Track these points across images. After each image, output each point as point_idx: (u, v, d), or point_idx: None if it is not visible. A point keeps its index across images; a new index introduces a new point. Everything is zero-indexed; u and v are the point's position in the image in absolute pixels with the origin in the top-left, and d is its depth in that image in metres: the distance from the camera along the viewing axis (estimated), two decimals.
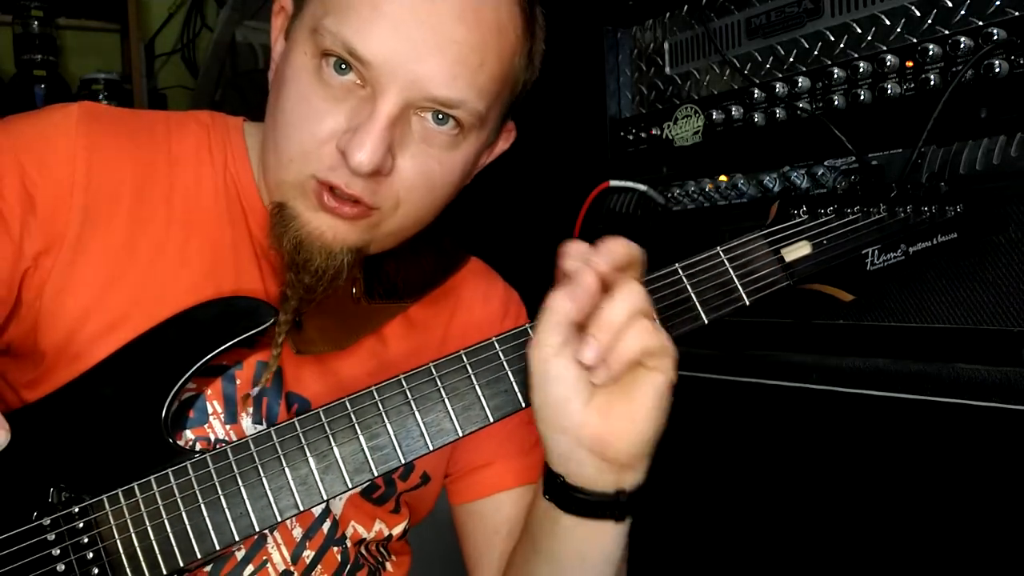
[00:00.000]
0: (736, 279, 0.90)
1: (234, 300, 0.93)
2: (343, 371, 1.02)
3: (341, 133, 0.89)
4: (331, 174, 0.90)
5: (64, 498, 0.84)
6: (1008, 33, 0.98)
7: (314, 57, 0.90)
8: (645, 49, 1.49)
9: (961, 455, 1.00)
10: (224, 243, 0.99)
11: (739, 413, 1.23)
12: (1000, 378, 0.95)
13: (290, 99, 0.92)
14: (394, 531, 1.08)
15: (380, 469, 0.84)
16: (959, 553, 1.00)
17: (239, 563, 0.96)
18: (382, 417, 0.85)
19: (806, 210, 0.93)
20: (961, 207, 0.94)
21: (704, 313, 0.88)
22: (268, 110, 0.97)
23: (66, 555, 0.83)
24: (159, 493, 0.84)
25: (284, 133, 0.92)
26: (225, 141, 1.04)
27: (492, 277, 1.21)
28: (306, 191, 0.92)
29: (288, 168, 0.93)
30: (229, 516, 0.84)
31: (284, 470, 0.84)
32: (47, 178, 0.92)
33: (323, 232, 0.93)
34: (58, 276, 0.92)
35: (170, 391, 0.88)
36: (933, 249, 0.94)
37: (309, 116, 0.90)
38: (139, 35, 2.99)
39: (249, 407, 0.97)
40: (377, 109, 0.88)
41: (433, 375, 0.85)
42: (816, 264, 0.92)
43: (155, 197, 0.97)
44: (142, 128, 1.00)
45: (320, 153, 0.90)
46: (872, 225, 0.93)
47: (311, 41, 0.90)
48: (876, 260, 0.93)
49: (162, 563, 0.83)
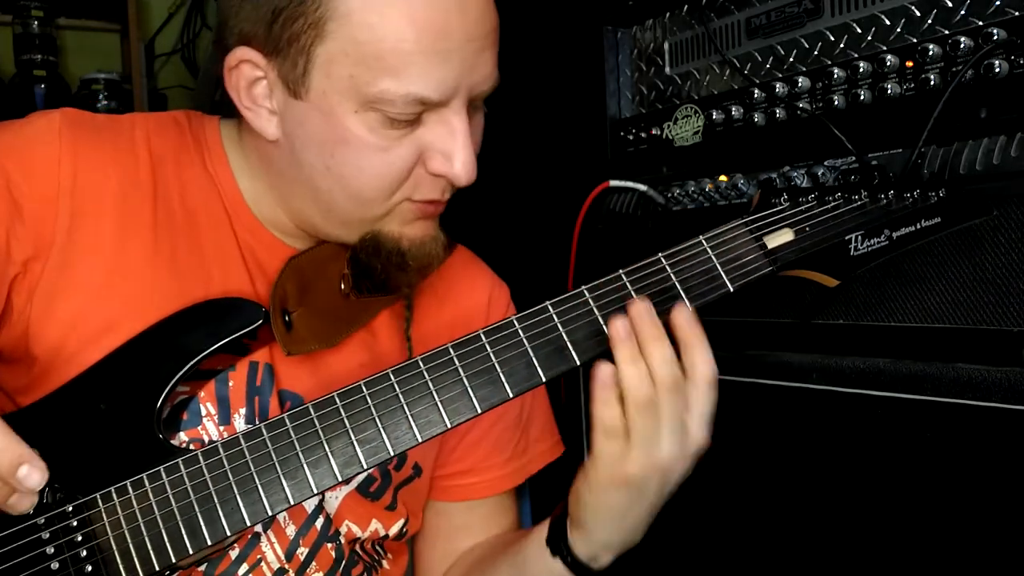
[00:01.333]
0: (719, 266, 0.91)
1: (224, 302, 0.95)
2: (335, 366, 1.03)
3: (422, 156, 0.93)
4: (429, 193, 0.95)
5: (58, 497, 0.85)
6: (1008, 33, 0.98)
7: (369, 111, 0.89)
8: (645, 49, 1.49)
9: (961, 455, 0.99)
10: (209, 244, 1.00)
11: (739, 413, 1.23)
12: (1000, 378, 0.95)
13: (353, 158, 0.91)
14: (390, 531, 1.08)
15: (369, 462, 0.85)
16: (959, 553, 1.00)
17: (233, 562, 0.96)
18: (371, 411, 0.86)
19: (787, 198, 0.94)
20: (943, 191, 0.95)
21: (688, 301, 0.89)
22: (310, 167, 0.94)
23: (60, 553, 0.84)
24: (151, 490, 0.85)
25: (363, 184, 0.93)
26: (201, 141, 1.04)
27: (477, 265, 1.22)
28: (400, 213, 0.97)
29: (375, 206, 0.96)
30: (220, 512, 0.85)
31: (274, 465, 0.85)
32: (33, 184, 0.92)
33: (419, 237, 0.99)
34: (48, 281, 0.92)
35: (162, 392, 0.89)
36: (918, 234, 0.94)
37: (387, 163, 0.92)
38: (139, 35, 2.98)
39: (242, 407, 0.97)
40: (453, 125, 0.91)
41: (420, 368, 0.87)
42: (799, 250, 0.93)
43: (140, 200, 0.97)
44: (123, 132, 1.00)
45: (406, 182, 0.94)
46: (854, 211, 0.94)
47: (357, 101, 0.88)
48: (860, 245, 0.94)
49: (154, 559, 0.84)
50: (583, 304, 0.89)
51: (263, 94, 0.93)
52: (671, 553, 1.34)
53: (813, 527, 1.16)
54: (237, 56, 0.92)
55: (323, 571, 1.01)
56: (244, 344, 0.96)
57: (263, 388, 0.98)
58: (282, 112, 0.93)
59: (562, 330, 0.87)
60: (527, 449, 1.17)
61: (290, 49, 0.88)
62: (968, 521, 0.99)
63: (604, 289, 0.89)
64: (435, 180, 0.94)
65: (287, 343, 0.96)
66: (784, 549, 1.19)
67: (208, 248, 0.99)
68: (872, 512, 1.09)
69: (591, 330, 0.88)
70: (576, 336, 0.88)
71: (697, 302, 0.90)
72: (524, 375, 0.87)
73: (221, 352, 0.92)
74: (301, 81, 0.89)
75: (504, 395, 0.87)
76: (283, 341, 0.96)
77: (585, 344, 0.88)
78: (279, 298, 0.96)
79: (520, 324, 0.88)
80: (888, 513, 1.07)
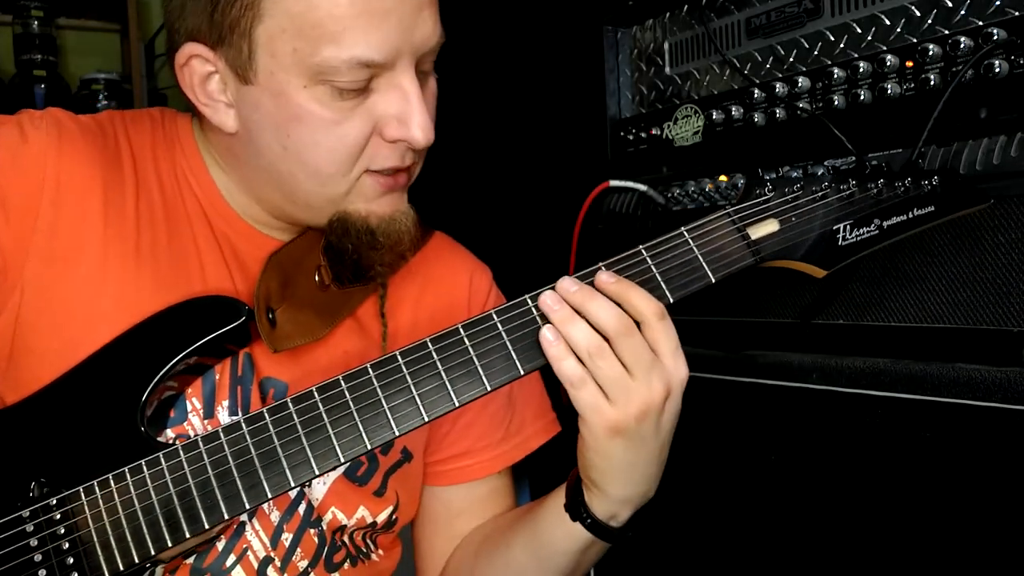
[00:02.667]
0: (701, 257, 0.91)
1: (208, 300, 0.96)
2: (321, 358, 1.04)
3: (378, 125, 0.93)
4: (386, 161, 0.95)
5: (44, 491, 0.86)
6: (1008, 33, 0.98)
7: (319, 92, 0.90)
8: (645, 49, 1.49)
9: (961, 455, 1.00)
10: (188, 239, 1.01)
11: (739, 413, 1.23)
12: (1000, 378, 0.95)
13: (308, 134, 0.92)
14: (378, 518, 1.08)
15: (347, 456, 0.86)
16: (959, 553, 1.00)
17: (220, 553, 0.97)
18: (348, 404, 0.86)
19: (772, 188, 0.93)
20: (936, 179, 0.94)
21: (669, 292, 0.90)
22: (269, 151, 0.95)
23: (43, 545, 0.85)
24: (132, 483, 0.86)
25: (321, 159, 0.94)
26: (174, 137, 1.05)
27: (457, 251, 1.22)
28: (363, 188, 0.97)
29: (337, 183, 0.96)
30: (200, 506, 0.86)
31: (253, 458, 0.86)
32: (18, 176, 0.94)
33: (388, 213, 0.99)
34: (34, 276, 0.93)
35: (146, 388, 0.90)
36: (910, 223, 0.93)
37: (342, 136, 0.92)
38: (139, 35, 2.99)
39: (225, 399, 0.97)
40: (404, 88, 0.92)
41: (399, 362, 0.87)
42: (784, 240, 0.92)
43: (124, 198, 0.98)
44: (105, 131, 1.01)
45: (364, 152, 0.94)
46: (842, 200, 0.94)
47: (304, 75, 0.89)
48: (848, 235, 0.93)
49: (134, 551, 0.85)
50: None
51: (218, 89, 0.95)
52: (671, 553, 1.34)
53: (813, 527, 1.16)
54: (186, 52, 0.94)
55: (308, 558, 1.02)
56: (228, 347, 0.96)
57: (244, 378, 0.99)
58: (237, 102, 0.95)
59: (540, 323, 0.88)
60: (522, 427, 1.18)
61: (232, 35, 0.90)
62: (968, 521, 0.99)
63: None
64: (393, 147, 0.94)
65: (272, 340, 0.97)
66: (784, 549, 1.19)
67: (188, 243, 1.00)
68: (872, 512, 1.09)
69: None
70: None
71: (678, 293, 0.90)
72: (502, 368, 0.88)
73: (206, 350, 0.93)
74: (248, 65, 0.91)
75: (482, 388, 0.87)
76: (268, 339, 0.96)
77: None
78: (263, 296, 0.97)
79: (499, 317, 0.88)
80: (888, 513, 1.07)
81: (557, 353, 0.86)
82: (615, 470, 0.91)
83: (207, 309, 0.94)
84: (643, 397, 0.86)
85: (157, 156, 1.03)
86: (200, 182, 1.03)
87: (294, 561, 1.01)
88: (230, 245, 1.03)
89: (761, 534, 1.22)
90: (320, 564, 1.03)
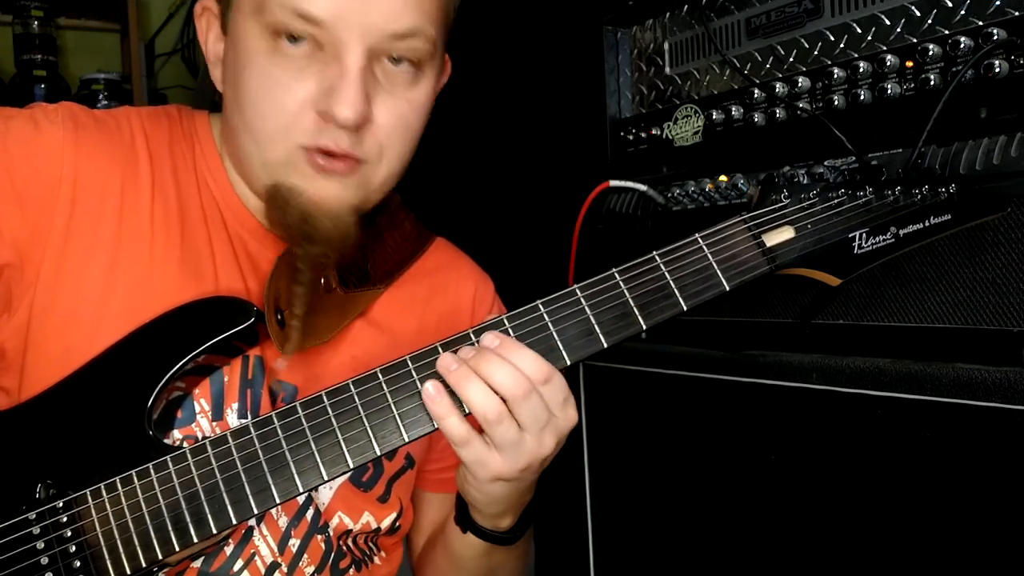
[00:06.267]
0: (715, 265, 0.90)
1: (217, 300, 0.95)
2: (329, 362, 1.03)
3: (315, 98, 0.91)
4: (318, 138, 0.93)
5: (51, 494, 0.86)
6: (1008, 33, 0.98)
7: (265, 37, 0.91)
8: (645, 49, 1.49)
9: (961, 455, 0.99)
10: (202, 238, 1.00)
11: (739, 413, 1.23)
12: (1000, 378, 0.95)
13: (253, 82, 0.93)
14: (382, 523, 1.08)
15: (356, 461, 0.86)
16: (959, 553, 1.00)
17: (228, 558, 0.97)
18: (358, 409, 0.86)
19: (788, 194, 0.92)
20: (954, 187, 0.93)
21: (683, 300, 0.89)
22: (229, 106, 0.98)
23: (50, 548, 0.85)
24: (140, 487, 0.86)
25: (258, 114, 0.93)
26: (192, 134, 1.05)
27: (462, 259, 1.22)
28: (297, 163, 0.94)
29: (271, 147, 0.94)
30: (208, 510, 0.85)
31: (262, 463, 0.85)
32: (35, 170, 0.93)
33: (324, 197, 0.95)
34: (49, 271, 0.93)
35: (153, 389, 0.90)
36: (926, 231, 0.92)
37: (277, 91, 0.92)
38: (139, 35, 2.98)
39: (235, 402, 0.97)
40: (346, 63, 0.90)
41: (409, 367, 0.87)
42: (799, 248, 0.91)
43: (139, 196, 0.98)
44: (122, 127, 1.01)
45: (300, 122, 0.92)
46: (858, 208, 0.93)
47: (257, 22, 0.91)
48: (864, 243, 0.92)
49: (141, 555, 0.85)
50: (575, 303, 0.88)
51: (217, 39, 0.99)
52: (671, 552, 1.34)
53: (813, 527, 1.16)
54: (201, 3, 0.99)
55: (314, 564, 1.02)
56: (237, 345, 0.96)
57: (255, 381, 0.99)
58: (222, 56, 0.99)
59: (552, 329, 0.87)
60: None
61: None
62: (968, 521, 0.99)
63: (596, 288, 0.89)
64: (326, 127, 0.92)
65: (282, 341, 0.96)
66: (784, 549, 1.19)
67: (201, 243, 1.00)
68: (872, 512, 1.09)
69: (582, 330, 0.88)
70: (567, 336, 0.88)
71: (692, 301, 0.89)
72: None
73: (215, 351, 0.92)
74: (227, 15, 0.95)
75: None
76: (278, 340, 0.96)
77: (576, 344, 0.88)
78: (272, 297, 0.96)
79: (510, 323, 0.87)
80: (888, 513, 1.07)
81: (437, 412, 0.85)
82: (494, 503, 0.96)
83: (216, 310, 0.93)
84: (533, 453, 0.87)
85: (175, 154, 1.02)
86: (217, 181, 1.03)
87: (301, 567, 1.01)
88: (243, 246, 1.02)
89: (761, 534, 1.22)
90: (326, 570, 1.03)
